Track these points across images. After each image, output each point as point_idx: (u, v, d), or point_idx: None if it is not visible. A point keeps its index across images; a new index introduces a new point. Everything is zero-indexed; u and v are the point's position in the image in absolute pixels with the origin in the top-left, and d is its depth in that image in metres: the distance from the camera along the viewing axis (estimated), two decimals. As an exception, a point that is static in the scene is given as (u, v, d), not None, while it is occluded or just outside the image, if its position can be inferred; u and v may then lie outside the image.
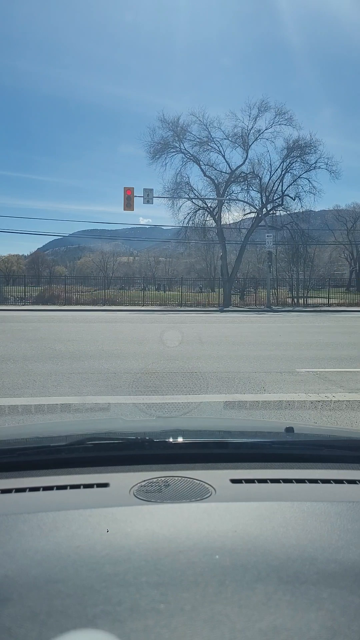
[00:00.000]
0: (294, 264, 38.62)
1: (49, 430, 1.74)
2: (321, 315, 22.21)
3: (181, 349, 9.23)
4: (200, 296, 37.91)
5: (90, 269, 68.60)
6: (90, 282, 42.37)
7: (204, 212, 34.93)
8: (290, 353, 8.47)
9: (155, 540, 0.78)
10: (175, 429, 1.51)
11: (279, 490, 1.06)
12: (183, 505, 0.94)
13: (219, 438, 1.44)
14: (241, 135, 33.42)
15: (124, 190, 28.01)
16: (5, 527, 0.84)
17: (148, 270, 67.01)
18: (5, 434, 1.70)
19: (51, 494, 1.02)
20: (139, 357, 7.77)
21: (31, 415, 4.41)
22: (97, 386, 5.54)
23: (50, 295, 34.55)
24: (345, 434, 1.75)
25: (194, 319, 18.74)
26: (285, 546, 0.78)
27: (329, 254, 60.20)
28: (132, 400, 4.99)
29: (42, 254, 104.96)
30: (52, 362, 7.17)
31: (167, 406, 4.70)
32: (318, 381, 5.99)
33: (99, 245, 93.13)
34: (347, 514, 0.90)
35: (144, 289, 40.36)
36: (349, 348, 9.33)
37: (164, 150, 33.27)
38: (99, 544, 0.78)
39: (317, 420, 4.32)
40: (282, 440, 1.40)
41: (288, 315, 22.78)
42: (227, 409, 4.66)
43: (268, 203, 34.89)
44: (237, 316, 21.73)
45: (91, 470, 1.14)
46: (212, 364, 7.18)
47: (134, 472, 1.12)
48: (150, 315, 21.94)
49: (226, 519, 0.87)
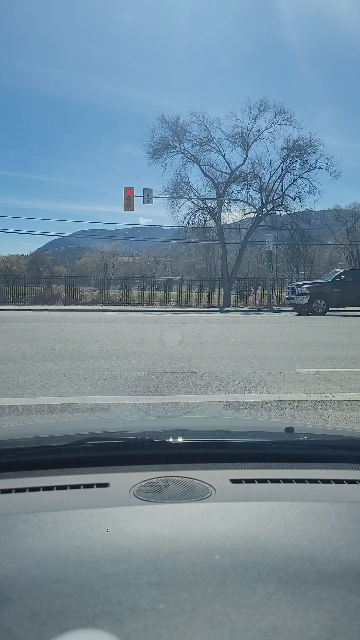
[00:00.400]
0: (294, 264, 38.67)
1: (49, 430, 1.74)
2: (321, 315, 22.22)
3: (181, 349, 9.23)
4: (200, 296, 37.95)
5: (90, 269, 68.64)
6: (90, 282, 42.41)
7: (204, 212, 34.98)
8: (290, 353, 8.47)
9: (155, 540, 0.79)
10: (175, 429, 1.51)
11: (279, 490, 1.06)
12: (183, 505, 0.94)
13: (219, 438, 1.44)
14: (241, 135, 33.50)
15: (124, 190, 28.03)
16: (5, 527, 0.84)
17: (148, 270, 67.02)
18: (5, 434, 1.70)
19: (51, 494, 1.02)
20: (139, 357, 7.77)
21: (31, 415, 4.41)
22: (97, 386, 5.54)
23: (50, 296, 34.58)
24: (345, 433, 1.75)
25: (194, 319, 18.74)
26: (285, 546, 0.78)
27: (329, 254, 60.19)
28: (132, 400, 4.99)
29: (42, 254, 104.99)
30: (52, 362, 7.17)
31: (167, 406, 4.70)
32: (318, 381, 5.99)
33: (99, 245, 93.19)
34: (347, 514, 0.90)
35: (144, 289, 40.40)
36: (349, 348, 9.34)
37: (164, 150, 33.32)
38: (99, 544, 0.78)
39: (317, 420, 4.32)
40: (282, 440, 1.40)
41: (288, 315, 22.78)
42: (227, 409, 4.66)
43: (268, 203, 34.92)
44: (237, 316, 21.73)
45: (91, 470, 1.14)
46: (212, 364, 7.18)
47: (134, 472, 1.12)
48: (150, 315, 21.94)
49: (226, 519, 0.87)
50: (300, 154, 33.98)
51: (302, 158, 34.03)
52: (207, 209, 34.68)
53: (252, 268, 46.62)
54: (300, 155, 34.03)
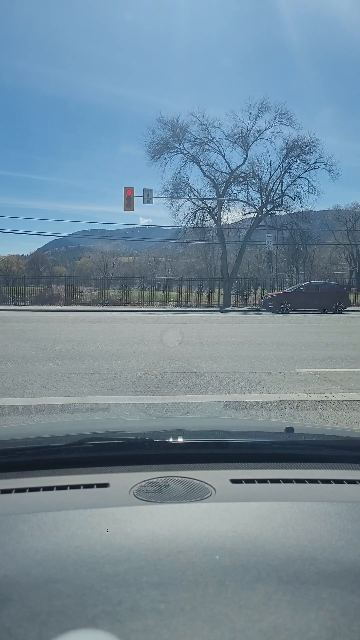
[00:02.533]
0: (294, 264, 38.71)
1: (49, 430, 1.74)
2: (321, 315, 22.22)
3: (181, 349, 9.23)
4: (200, 296, 37.95)
5: (90, 269, 68.64)
6: (90, 282, 42.35)
7: (204, 212, 34.95)
8: (290, 353, 8.47)
9: (155, 541, 0.79)
10: (175, 429, 1.51)
11: (279, 491, 1.06)
12: (183, 505, 0.94)
13: (219, 438, 1.43)
14: (241, 135, 33.47)
15: (124, 190, 28.03)
16: (5, 527, 0.84)
17: (148, 271, 67.04)
18: (5, 434, 1.70)
19: (51, 494, 1.02)
20: (139, 357, 7.77)
21: (31, 415, 4.41)
22: (97, 386, 5.54)
23: (50, 296, 34.56)
24: (345, 434, 1.75)
25: (193, 319, 18.75)
26: (286, 546, 0.78)
27: (329, 254, 60.23)
28: (132, 400, 4.99)
29: (42, 254, 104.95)
30: (52, 362, 7.17)
31: (167, 406, 4.70)
32: (318, 381, 5.99)
33: (99, 245, 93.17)
34: (347, 514, 0.90)
35: (144, 289, 40.39)
36: (349, 348, 9.34)
37: (164, 150, 33.30)
38: (99, 544, 0.78)
39: (317, 420, 4.32)
40: (282, 440, 1.40)
41: (288, 315, 22.78)
42: (227, 409, 4.66)
43: (268, 203, 34.90)
44: (237, 316, 21.73)
45: (91, 471, 1.14)
46: (212, 364, 7.18)
47: (134, 472, 1.12)
48: (150, 315, 21.94)
49: (226, 519, 0.87)
50: (300, 154, 33.99)
51: (301, 158, 34.04)
52: (207, 209, 34.67)
53: (252, 268, 46.65)
54: (299, 155, 34.03)
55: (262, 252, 36.22)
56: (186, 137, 33.25)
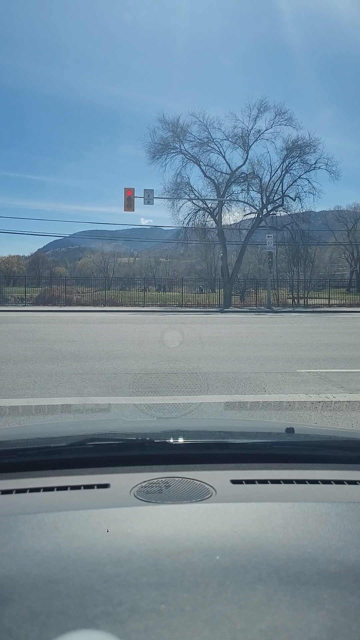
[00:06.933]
0: (294, 265, 38.63)
1: (49, 431, 1.74)
2: (322, 316, 22.20)
3: (182, 349, 9.23)
4: (201, 297, 37.89)
5: (90, 270, 68.49)
6: (90, 283, 42.39)
7: (204, 212, 34.92)
8: (291, 354, 8.47)
9: (155, 541, 0.78)
10: (175, 430, 1.51)
11: (280, 491, 1.06)
12: (183, 506, 0.94)
13: (219, 439, 1.43)
14: (241, 135, 33.41)
15: (125, 190, 28.01)
16: (5, 527, 0.84)
17: (148, 271, 66.94)
18: (6, 434, 1.71)
19: (52, 495, 1.02)
20: (139, 358, 7.76)
21: (32, 416, 4.41)
22: (97, 387, 5.54)
23: (50, 296, 34.55)
24: (345, 434, 1.75)
25: (194, 320, 18.74)
26: (286, 547, 0.77)
27: (330, 255, 60.17)
28: (132, 401, 4.99)
29: (43, 254, 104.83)
30: (52, 363, 7.17)
31: (167, 407, 4.70)
32: (318, 382, 5.99)
33: (100, 245, 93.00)
34: (347, 515, 0.90)
35: (145, 289, 40.37)
36: (349, 349, 9.33)
37: (164, 150, 33.26)
38: (99, 544, 0.78)
39: (318, 420, 4.32)
40: (283, 440, 1.40)
41: (288, 315, 22.77)
42: (228, 410, 4.66)
43: (268, 203, 34.88)
44: (237, 317, 21.72)
45: (92, 471, 1.14)
46: (213, 364, 7.18)
47: (134, 472, 1.12)
48: (151, 315, 21.94)
49: (226, 520, 0.87)
50: (300, 154, 33.95)
51: (301, 158, 33.98)
52: (207, 210, 34.65)
53: (252, 269, 46.61)
54: (299, 155, 33.99)
55: (263, 253, 36.17)
56: (186, 138, 33.23)
